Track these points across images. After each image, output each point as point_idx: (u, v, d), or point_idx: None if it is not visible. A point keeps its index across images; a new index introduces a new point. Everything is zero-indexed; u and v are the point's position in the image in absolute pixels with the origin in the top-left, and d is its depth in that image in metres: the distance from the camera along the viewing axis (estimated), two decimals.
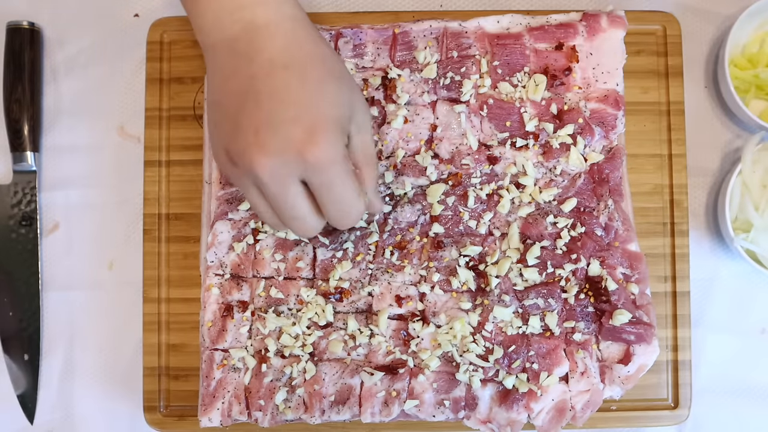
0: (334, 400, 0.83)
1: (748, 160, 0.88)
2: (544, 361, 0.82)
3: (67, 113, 0.95)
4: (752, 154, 0.88)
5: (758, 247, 0.87)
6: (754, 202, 0.88)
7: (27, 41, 0.93)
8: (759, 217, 0.87)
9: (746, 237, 0.87)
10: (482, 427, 0.83)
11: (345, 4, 0.95)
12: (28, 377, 0.92)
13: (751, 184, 0.88)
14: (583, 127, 0.85)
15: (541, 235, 0.83)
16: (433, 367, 0.83)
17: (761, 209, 0.87)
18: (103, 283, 0.93)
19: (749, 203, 0.88)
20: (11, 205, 0.93)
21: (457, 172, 0.85)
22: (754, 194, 0.88)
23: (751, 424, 0.92)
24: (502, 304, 0.82)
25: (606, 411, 0.87)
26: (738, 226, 0.89)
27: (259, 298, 0.85)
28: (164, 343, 0.90)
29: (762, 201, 0.88)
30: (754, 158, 0.88)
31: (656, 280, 0.89)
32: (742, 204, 0.89)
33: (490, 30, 0.87)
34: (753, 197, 0.88)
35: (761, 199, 0.88)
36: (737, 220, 0.90)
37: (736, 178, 0.88)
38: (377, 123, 0.86)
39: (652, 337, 0.83)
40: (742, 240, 0.87)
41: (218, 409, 0.84)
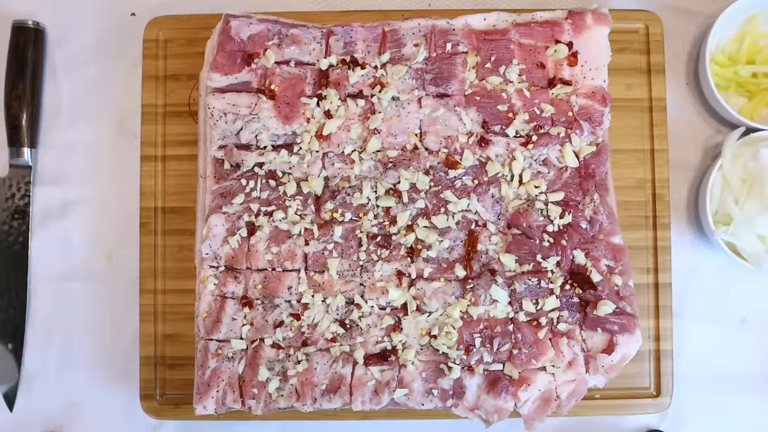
0: (325, 388, 0.84)
1: (728, 155, 0.89)
2: (531, 350, 0.84)
3: (66, 110, 0.96)
4: (732, 150, 0.89)
5: (738, 239, 0.89)
6: (734, 195, 0.89)
7: (31, 40, 0.94)
8: (739, 210, 0.89)
9: (726, 230, 0.89)
10: (470, 415, 0.85)
11: (336, 2, 0.96)
12: (10, 367, 0.93)
13: (731, 179, 0.89)
14: (571, 122, 0.86)
15: (529, 225, 0.85)
16: (421, 356, 0.84)
17: (741, 203, 0.89)
18: (101, 274, 0.95)
19: (729, 197, 0.89)
20: (5, 198, 0.94)
21: (446, 161, 0.86)
22: (734, 188, 0.89)
23: (731, 412, 0.94)
24: (497, 284, 0.84)
25: (590, 399, 0.89)
26: (718, 219, 0.91)
27: (254, 290, 0.86)
28: (160, 333, 0.91)
29: (742, 195, 0.89)
30: (733, 153, 0.90)
31: (639, 272, 0.90)
32: (723, 198, 0.90)
33: (477, 27, 0.89)
34: (733, 191, 0.89)
35: (741, 193, 0.89)
36: (717, 214, 0.91)
37: (716, 173, 0.89)
38: (365, 116, 0.88)
39: (635, 327, 0.84)
40: (722, 233, 0.88)
41: (213, 397, 0.85)
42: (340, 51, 0.89)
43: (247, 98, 0.87)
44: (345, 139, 0.87)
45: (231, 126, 0.86)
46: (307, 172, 0.87)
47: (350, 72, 0.88)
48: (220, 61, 0.86)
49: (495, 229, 0.86)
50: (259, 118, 0.86)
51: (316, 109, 0.87)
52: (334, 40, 0.89)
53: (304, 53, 0.89)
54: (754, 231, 0.88)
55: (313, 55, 0.89)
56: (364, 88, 0.88)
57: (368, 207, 0.86)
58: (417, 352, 0.85)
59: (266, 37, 0.88)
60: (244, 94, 0.87)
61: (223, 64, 0.86)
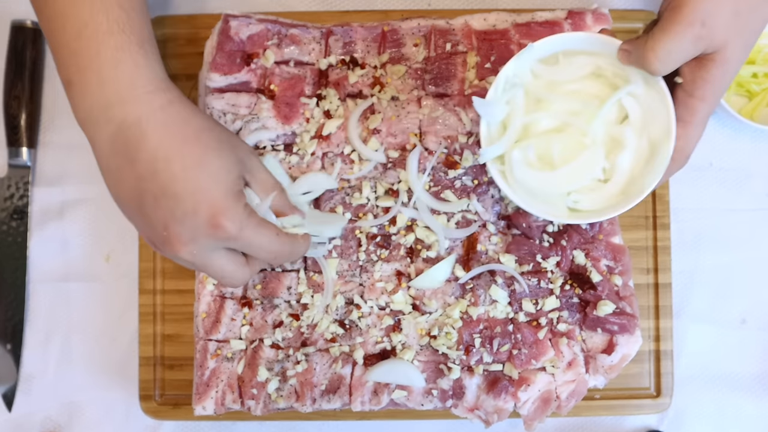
0: (324, 389, 0.85)
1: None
2: (531, 350, 0.84)
3: (66, 110, 0.95)
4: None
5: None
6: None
7: (30, 40, 0.94)
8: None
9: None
10: (469, 415, 0.85)
11: (335, 2, 0.96)
12: (8, 367, 0.93)
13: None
14: None
15: (529, 225, 0.85)
16: (421, 357, 0.85)
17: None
18: (100, 274, 0.95)
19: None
20: (4, 199, 0.95)
21: (446, 161, 0.86)
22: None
23: (732, 412, 0.94)
24: (497, 284, 0.84)
25: (590, 400, 0.89)
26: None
27: (253, 290, 0.86)
28: (159, 334, 0.91)
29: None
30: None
31: (639, 272, 0.90)
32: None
33: (476, 27, 0.89)
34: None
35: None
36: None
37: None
38: (365, 116, 0.88)
39: (635, 327, 0.84)
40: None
41: (212, 397, 0.85)
42: (339, 51, 0.89)
43: (246, 98, 0.87)
44: (344, 139, 0.87)
45: (230, 126, 0.86)
46: (307, 171, 0.87)
47: (350, 72, 0.88)
48: (219, 61, 0.87)
49: (495, 229, 0.86)
50: (259, 118, 0.86)
51: (316, 109, 0.88)
52: (334, 40, 0.89)
53: (303, 53, 0.89)
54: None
55: (313, 55, 0.89)
56: (363, 88, 0.88)
57: (368, 207, 0.86)
58: (417, 352, 0.85)
59: (266, 37, 0.88)
60: (243, 94, 0.87)
61: (222, 64, 0.87)
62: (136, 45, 0.71)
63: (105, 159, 0.72)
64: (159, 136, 0.69)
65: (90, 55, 0.69)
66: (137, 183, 0.70)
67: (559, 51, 0.79)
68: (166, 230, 0.70)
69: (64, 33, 0.70)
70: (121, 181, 0.71)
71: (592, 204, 0.80)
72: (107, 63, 0.69)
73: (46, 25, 0.72)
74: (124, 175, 0.70)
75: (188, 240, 0.70)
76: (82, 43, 0.70)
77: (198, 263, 0.72)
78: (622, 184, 0.79)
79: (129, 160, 0.70)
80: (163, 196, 0.69)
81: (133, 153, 0.69)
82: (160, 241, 0.71)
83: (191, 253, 0.71)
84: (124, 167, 0.70)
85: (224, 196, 0.71)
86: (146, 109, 0.70)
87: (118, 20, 0.70)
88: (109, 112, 0.69)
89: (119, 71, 0.70)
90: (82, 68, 0.70)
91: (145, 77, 0.71)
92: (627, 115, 0.78)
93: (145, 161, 0.69)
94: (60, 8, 0.71)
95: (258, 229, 0.73)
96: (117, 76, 0.69)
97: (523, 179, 0.79)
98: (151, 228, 0.71)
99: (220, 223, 0.70)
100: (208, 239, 0.71)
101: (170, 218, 0.69)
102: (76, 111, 0.72)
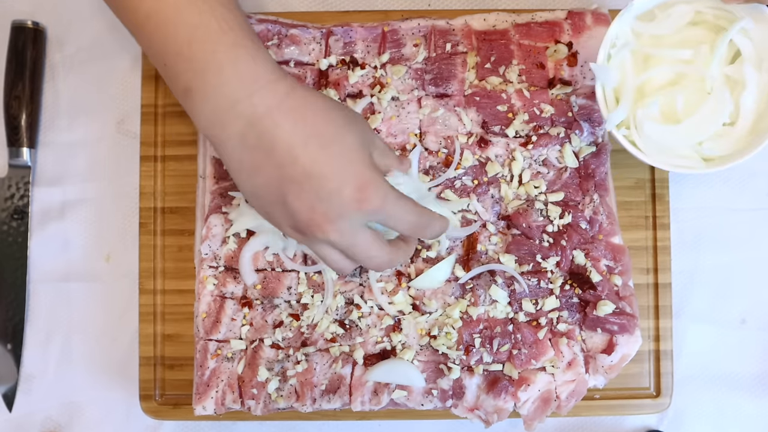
0: (325, 389, 0.85)
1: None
2: (531, 350, 0.84)
3: (66, 110, 0.96)
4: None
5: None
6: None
7: (30, 40, 0.94)
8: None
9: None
10: (469, 415, 0.85)
11: (335, 3, 0.96)
12: (9, 367, 0.93)
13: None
14: (571, 122, 0.86)
15: (529, 225, 0.85)
16: (421, 356, 0.85)
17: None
18: (100, 275, 0.95)
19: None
20: (4, 199, 0.95)
21: (446, 161, 0.87)
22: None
23: (731, 412, 0.94)
24: (497, 284, 0.84)
25: (589, 400, 0.89)
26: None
27: (254, 290, 0.86)
28: (160, 334, 0.91)
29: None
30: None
31: (639, 272, 0.90)
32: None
33: (476, 27, 0.89)
34: None
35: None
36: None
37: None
38: (365, 116, 0.88)
39: (635, 327, 0.84)
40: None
41: (212, 397, 0.85)
42: (339, 51, 0.89)
43: None
44: None
45: None
46: None
47: (350, 72, 0.88)
48: None
49: (495, 229, 0.86)
50: None
51: None
52: (334, 40, 0.89)
53: (303, 53, 0.89)
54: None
55: (313, 55, 0.89)
56: (363, 88, 0.88)
57: None
58: (416, 352, 0.85)
59: (266, 37, 0.88)
60: None
61: None
62: (248, 39, 0.71)
63: (237, 157, 0.71)
64: (292, 122, 0.70)
65: (206, 57, 0.69)
66: (278, 172, 0.70)
67: (656, 5, 0.79)
68: (313, 212, 0.70)
69: (174, 42, 0.70)
70: (259, 175, 0.71)
71: (724, 150, 0.79)
72: (227, 61, 0.69)
73: (149, 39, 0.71)
74: (261, 168, 0.70)
75: (336, 217, 0.70)
76: (196, 47, 0.69)
77: (345, 242, 0.72)
78: (751, 123, 0.78)
79: (265, 152, 0.69)
80: (307, 178, 0.69)
81: (269, 144, 0.69)
82: (305, 226, 0.71)
83: (339, 231, 0.71)
84: (261, 160, 0.70)
85: (364, 168, 0.71)
86: (273, 99, 0.69)
87: (225, 19, 0.70)
88: (236, 109, 0.69)
89: (240, 66, 0.69)
90: (200, 72, 0.69)
91: (263, 68, 0.70)
92: (738, 53, 0.78)
93: (283, 149, 0.69)
94: (164, 18, 0.70)
95: (399, 199, 0.73)
96: (239, 72, 0.69)
97: (654, 137, 0.78)
98: (294, 215, 0.71)
99: (367, 196, 0.70)
100: (356, 213, 0.71)
101: (316, 199, 0.70)
102: (198, 117, 0.71)
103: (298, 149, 0.69)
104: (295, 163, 0.69)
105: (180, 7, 0.70)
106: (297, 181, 0.70)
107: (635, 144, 0.80)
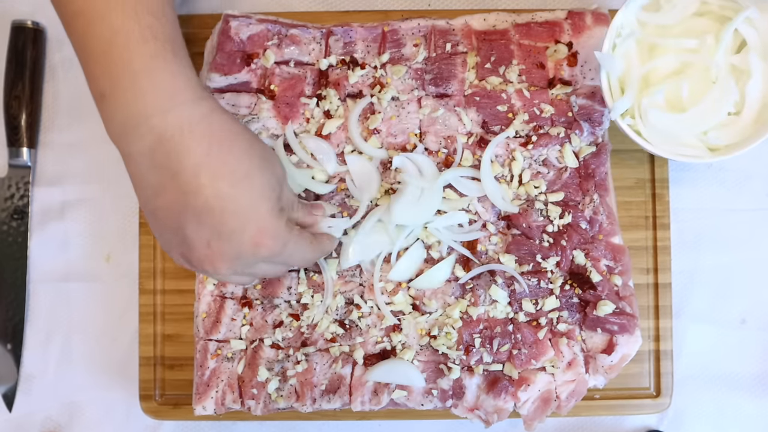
0: (325, 389, 0.85)
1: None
2: (531, 350, 0.84)
3: (66, 110, 0.96)
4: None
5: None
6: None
7: (30, 40, 0.94)
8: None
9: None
10: (469, 415, 0.85)
11: (335, 2, 0.96)
12: (9, 367, 0.93)
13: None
14: (571, 122, 0.86)
15: (529, 226, 0.85)
16: (421, 356, 0.85)
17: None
18: (100, 274, 0.95)
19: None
20: (4, 199, 0.95)
21: (446, 161, 0.87)
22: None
23: (731, 412, 0.94)
24: (497, 285, 0.84)
25: (590, 400, 0.89)
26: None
27: (253, 290, 0.87)
28: (160, 334, 0.91)
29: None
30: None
31: (639, 272, 0.90)
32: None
33: (476, 27, 0.89)
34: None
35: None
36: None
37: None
38: (365, 116, 0.88)
39: (635, 327, 0.84)
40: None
41: (212, 397, 0.86)
42: (339, 51, 0.89)
43: (246, 98, 0.87)
44: (344, 139, 0.87)
45: None
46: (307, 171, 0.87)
47: (350, 72, 0.88)
48: (219, 62, 0.87)
49: (495, 229, 0.86)
50: (259, 119, 0.87)
51: (316, 109, 0.88)
52: (334, 40, 0.89)
53: (303, 53, 0.89)
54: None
55: (313, 55, 0.89)
56: (363, 88, 0.88)
57: (368, 208, 0.86)
58: (417, 352, 0.85)
59: (266, 37, 0.88)
60: (243, 94, 0.87)
61: (222, 65, 0.87)
62: (170, 53, 0.67)
63: (142, 173, 0.68)
64: (203, 149, 0.67)
65: (123, 64, 0.66)
66: (180, 198, 0.67)
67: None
68: (208, 248, 0.68)
69: (94, 43, 0.67)
70: (161, 197, 0.68)
71: (729, 139, 0.79)
72: (142, 72, 0.66)
73: (75, 37, 0.69)
74: (164, 189, 0.67)
75: (232, 257, 0.69)
76: (114, 52, 0.66)
77: (238, 279, 0.74)
78: (756, 113, 0.78)
79: (171, 174, 0.66)
80: (208, 213, 0.67)
81: (176, 166, 0.66)
82: (199, 259, 0.70)
83: (233, 269, 0.70)
84: (165, 181, 0.67)
85: (269, 214, 0.70)
86: (187, 120, 0.66)
87: (150, 27, 0.67)
88: (148, 123, 0.66)
89: (156, 80, 0.66)
90: (115, 78, 0.66)
91: (182, 86, 0.67)
92: (743, 43, 0.78)
93: (189, 175, 0.66)
94: (90, 19, 0.67)
95: (297, 242, 0.74)
96: (154, 86, 0.66)
97: (659, 126, 0.78)
98: (188, 245, 0.69)
99: (265, 243, 0.70)
100: (251, 258, 0.71)
101: (214, 236, 0.68)
102: (108, 124, 0.68)
103: (205, 179, 0.67)
104: (199, 193, 0.67)
105: (106, 10, 0.67)
106: (197, 212, 0.67)
107: (640, 133, 0.80)
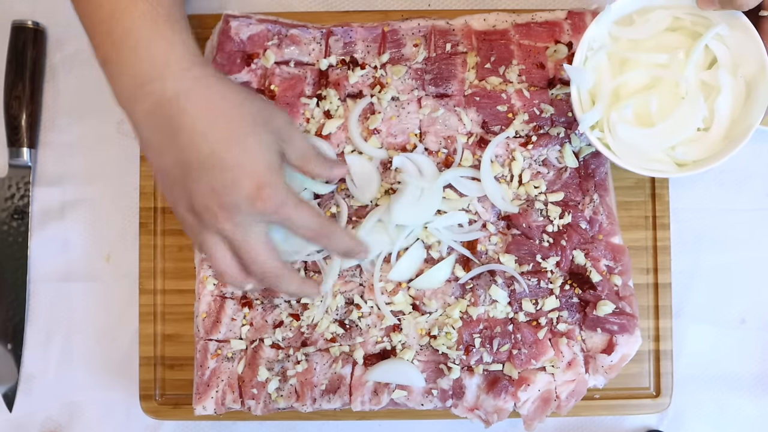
0: (325, 389, 0.85)
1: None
2: (530, 350, 0.84)
3: (66, 110, 0.96)
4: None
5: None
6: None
7: (30, 40, 0.94)
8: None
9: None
10: (469, 415, 0.85)
11: (335, 3, 0.96)
12: (9, 367, 0.93)
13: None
14: (571, 122, 0.86)
15: (529, 226, 0.85)
16: (421, 356, 0.85)
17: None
18: (100, 274, 0.95)
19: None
20: (5, 199, 0.95)
21: (446, 161, 0.87)
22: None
23: (731, 412, 0.94)
24: (497, 284, 0.84)
25: (589, 399, 0.89)
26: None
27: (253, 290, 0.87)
28: (160, 334, 0.91)
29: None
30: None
31: (638, 272, 0.90)
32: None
33: (476, 27, 0.89)
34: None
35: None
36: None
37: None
38: (365, 116, 0.88)
39: (635, 327, 0.84)
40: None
41: (212, 397, 0.86)
42: (339, 51, 0.89)
43: None
44: (344, 139, 0.87)
45: None
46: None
47: (350, 72, 0.88)
48: (219, 62, 0.87)
49: (495, 229, 0.86)
50: None
51: (316, 109, 0.88)
52: (334, 40, 0.89)
53: (303, 53, 0.89)
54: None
55: (313, 56, 0.89)
56: (363, 88, 0.88)
57: (368, 208, 0.86)
58: (417, 352, 0.85)
59: (266, 37, 0.88)
60: None
61: (222, 65, 0.87)
62: (170, 23, 0.72)
63: (146, 134, 0.73)
64: (198, 112, 0.71)
65: (124, 32, 0.71)
66: (180, 155, 0.72)
67: (634, 10, 0.79)
68: (210, 197, 0.71)
69: (99, 11, 0.72)
70: (164, 154, 0.73)
71: (697, 154, 0.79)
72: (141, 40, 0.71)
73: (81, 8, 0.74)
74: (167, 148, 0.72)
75: (231, 207, 0.71)
76: (116, 20, 0.71)
77: (236, 236, 0.73)
78: (725, 129, 0.78)
79: (171, 135, 0.71)
80: (207, 166, 0.71)
81: (175, 127, 0.71)
82: (201, 209, 0.72)
83: (233, 222, 0.72)
84: (167, 141, 0.72)
85: (267, 169, 0.72)
86: (183, 85, 0.71)
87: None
88: (146, 88, 0.71)
89: (153, 48, 0.71)
90: (117, 45, 0.72)
91: (179, 54, 0.72)
92: (715, 59, 0.78)
93: (187, 135, 0.71)
94: None
95: (298, 206, 0.74)
96: (151, 53, 0.71)
97: (627, 140, 0.78)
98: (192, 197, 0.72)
99: (262, 195, 0.71)
100: (250, 211, 0.72)
101: (213, 188, 0.71)
102: (113, 87, 0.74)
103: (199, 137, 0.71)
104: (198, 150, 0.71)
105: None
106: (197, 166, 0.71)
107: (609, 146, 0.80)
